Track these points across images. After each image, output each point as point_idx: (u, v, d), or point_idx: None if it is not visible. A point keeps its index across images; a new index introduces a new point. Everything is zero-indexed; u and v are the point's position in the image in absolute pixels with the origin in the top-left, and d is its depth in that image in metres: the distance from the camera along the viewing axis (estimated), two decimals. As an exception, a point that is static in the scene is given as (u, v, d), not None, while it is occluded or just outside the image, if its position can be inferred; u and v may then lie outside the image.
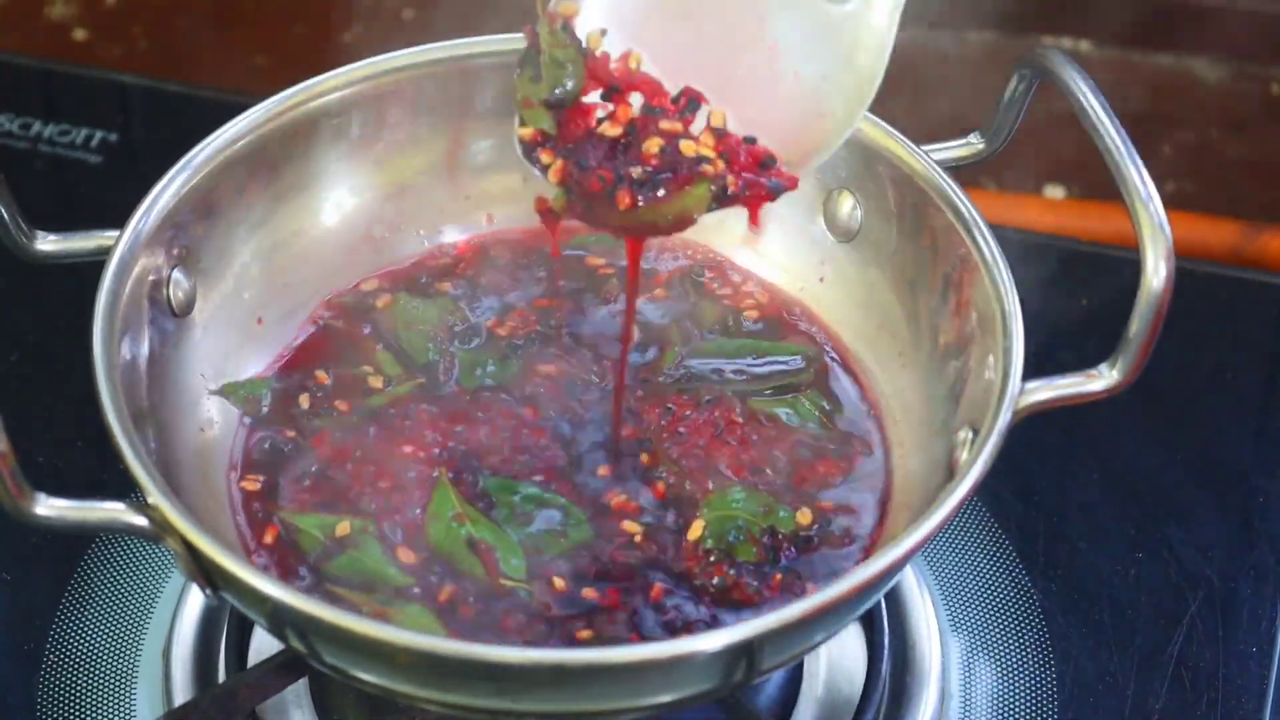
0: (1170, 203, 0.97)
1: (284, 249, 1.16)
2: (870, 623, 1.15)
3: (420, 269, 1.19)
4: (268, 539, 1.05)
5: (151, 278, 1.05)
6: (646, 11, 1.07)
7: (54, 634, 1.19)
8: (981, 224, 1.05)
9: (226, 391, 1.10)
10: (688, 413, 1.10)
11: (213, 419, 1.09)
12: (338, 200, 1.18)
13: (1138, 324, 0.95)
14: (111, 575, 1.22)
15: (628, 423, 1.10)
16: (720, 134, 1.03)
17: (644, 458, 1.08)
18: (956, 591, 1.22)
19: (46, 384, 1.32)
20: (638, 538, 1.04)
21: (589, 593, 1.01)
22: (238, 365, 1.12)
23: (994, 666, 1.19)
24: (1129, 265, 0.97)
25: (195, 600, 1.18)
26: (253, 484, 1.07)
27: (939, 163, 1.09)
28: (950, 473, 1.00)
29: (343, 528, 1.04)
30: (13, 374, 1.35)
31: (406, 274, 1.19)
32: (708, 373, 1.13)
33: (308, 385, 1.12)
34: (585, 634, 0.99)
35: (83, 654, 1.18)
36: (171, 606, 1.19)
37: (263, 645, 1.15)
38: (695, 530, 1.03)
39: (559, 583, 1.01)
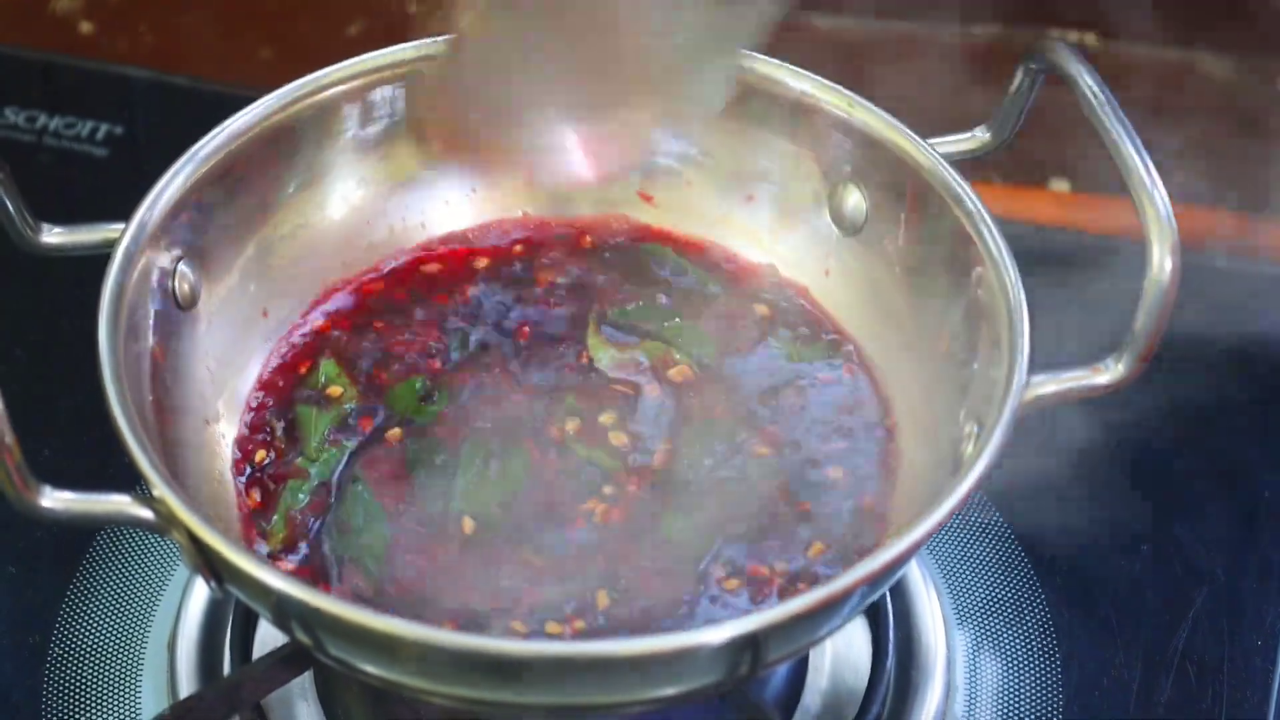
0: (1175, 196, 0.97)
1: (290, 242, 1.16)
2: (875, 616, 1.15)
3: (427, 262, 1.19)
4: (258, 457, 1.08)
5: (157, 270, 1.05)
6: None
7: (59, 627, 1.19)
8: (987, 217, 1.05)
9: None
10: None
11: (218, 411, 1.09)
12: (344, 193, 1.18)
13: (1144, 318, 0.95)
14: (116, 568, 1.23)
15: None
16: None
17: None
18: (962, 585, 1.22)
19: (52, 377, 1.32)
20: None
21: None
22: (243, 358, 1.13)
23: (999, 660, 1.19)
24: (1135, 259, 0.97)
25: (200, 593, 1.18)
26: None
27: (944, 156, 1.09)
28: (956, 466, 1.00)
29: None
30: (18, 367, 1.35)
31: (411, 269, 1.19)
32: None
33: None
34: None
35: (88, 647, 1.18)
36: (176, 599, 1.19)
37: (268, 638, 1.15)
38: None
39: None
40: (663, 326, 1.15)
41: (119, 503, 0.92)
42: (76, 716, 1.15)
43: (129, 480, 0.96)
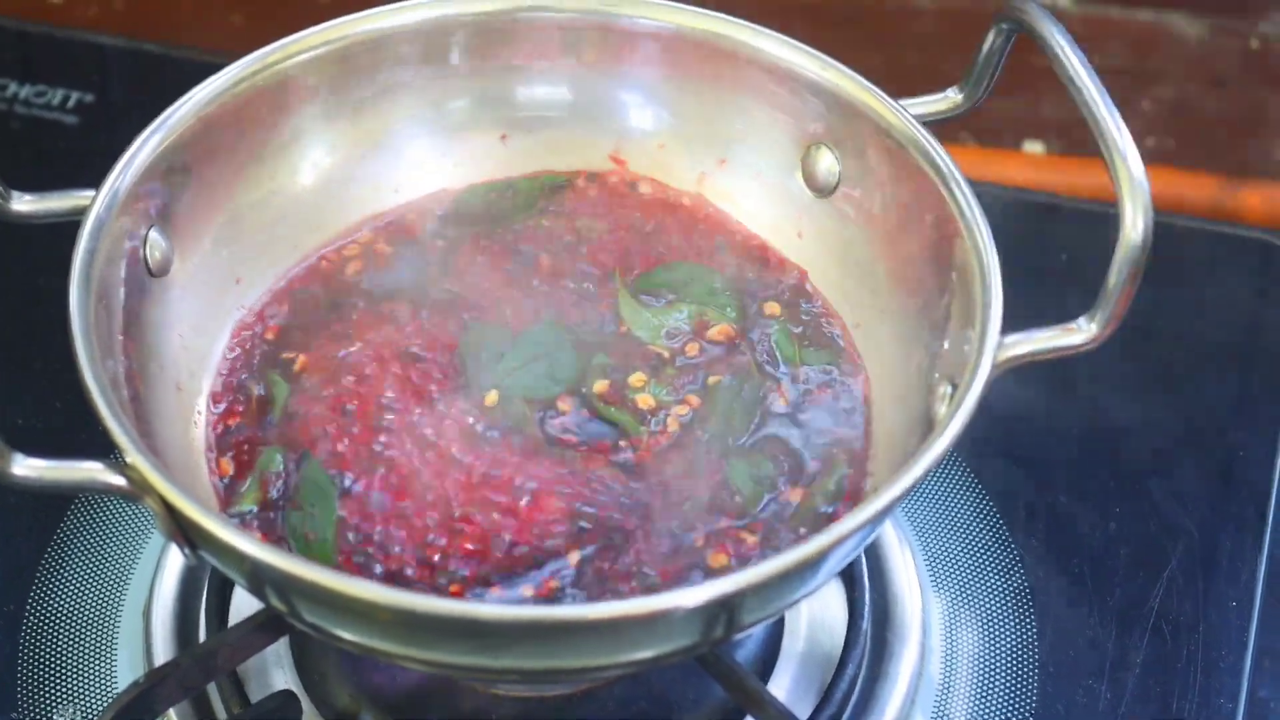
0: (1149, 158, 0.97)
1: (261, 208, 1.16)
2: (851, 579, 1.15)
3: (398, 226, 1.19)
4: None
5: (128, 238, 1.05)
6: None
7: (34, 595, 1.19)
8: (960, 179, 1.05)
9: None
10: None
11: (191, 378, 1.09)
12: (315, 159, 1.18)
13: (1116, 277, 0.95)
14: (91, 536, 1.22)
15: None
16: None
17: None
18: (937, 547, 1.23)
19: (24, 345, 1.32)
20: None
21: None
22: (216, 325, 1.12)
23: (975, 621, 1.19)
24: (1108, 220, 0.97)
25: (175, 560, 1.18)
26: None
27: (917, 117, 1.09)
28: (930, 427, 1.00)
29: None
30: (-10, 335, 1.35)
31: (385, 232, 1.19)
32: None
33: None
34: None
35: (63, 615, 1.18)
36: (151, 567, 1.19)
37: (243, 605, 1.15)
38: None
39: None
40: (689, 287, 1.16)
41: (92, 470, 0.92)
42: (52, 684, 1.15)
43: (102, 448, 0.96)
